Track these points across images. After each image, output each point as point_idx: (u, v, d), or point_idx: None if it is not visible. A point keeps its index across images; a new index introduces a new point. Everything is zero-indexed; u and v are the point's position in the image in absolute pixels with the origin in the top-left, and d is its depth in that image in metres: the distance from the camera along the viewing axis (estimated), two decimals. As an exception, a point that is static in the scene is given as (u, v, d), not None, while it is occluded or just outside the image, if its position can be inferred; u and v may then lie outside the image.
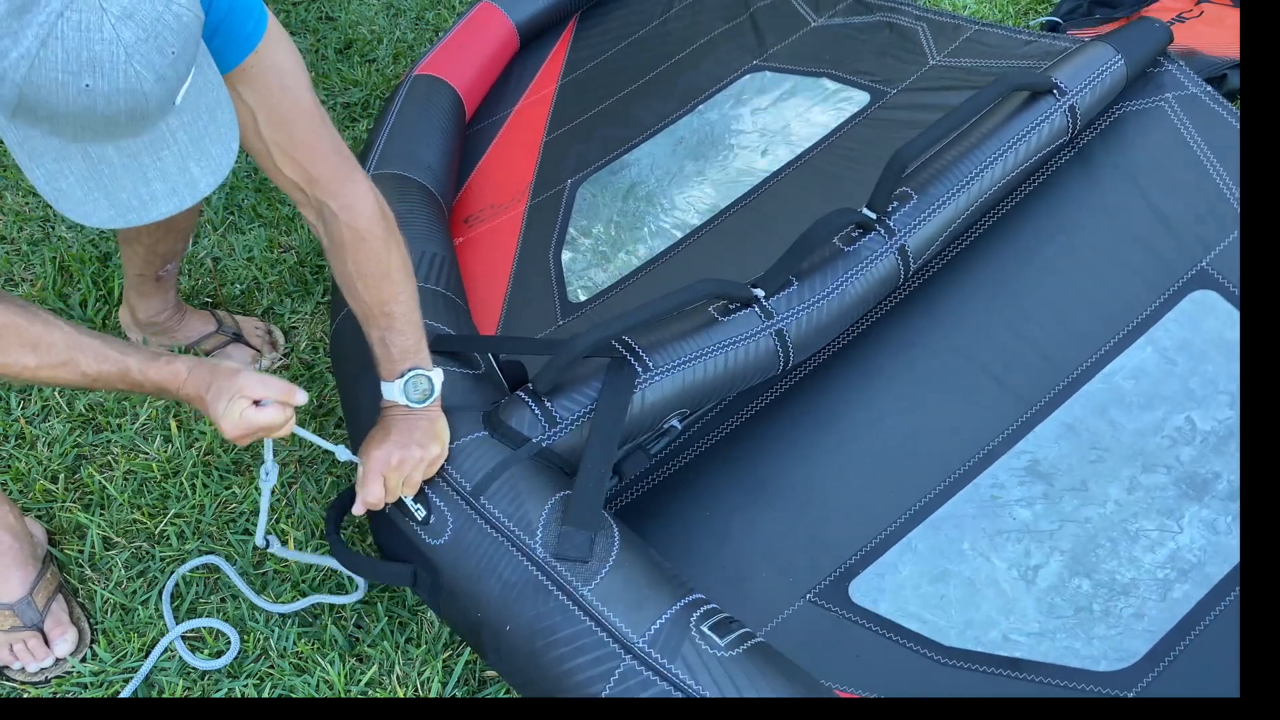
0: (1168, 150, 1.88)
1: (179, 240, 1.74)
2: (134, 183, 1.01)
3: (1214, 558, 1.52)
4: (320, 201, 1.31)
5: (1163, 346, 1.71)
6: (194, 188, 1.04)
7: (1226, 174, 1.85)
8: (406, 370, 1.35)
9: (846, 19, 2.33)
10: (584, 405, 1.42)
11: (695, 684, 1.19)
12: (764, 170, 2.04)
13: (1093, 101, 1.83)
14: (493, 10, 2.31)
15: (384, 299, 1.34)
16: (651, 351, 1.46)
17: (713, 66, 2.30)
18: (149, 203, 1.02)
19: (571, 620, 1.24)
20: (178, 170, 1.02)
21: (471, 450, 1.38)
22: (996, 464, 1.62)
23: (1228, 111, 1.90)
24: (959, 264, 1.81)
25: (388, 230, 1.34)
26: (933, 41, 2.18)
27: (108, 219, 1.01)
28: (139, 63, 0.91)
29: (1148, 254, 1.79)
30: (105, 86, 0.90)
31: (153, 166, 1.01)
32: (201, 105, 1.04)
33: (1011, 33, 2.13)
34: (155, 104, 0.95)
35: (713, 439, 1.67)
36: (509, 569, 1.29)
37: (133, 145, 0.99)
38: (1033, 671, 1.43)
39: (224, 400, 1.20)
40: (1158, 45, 1.92)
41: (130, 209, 1.01)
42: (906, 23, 2.25)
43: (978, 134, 1.75)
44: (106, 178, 0.99)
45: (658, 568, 1.32)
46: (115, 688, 1.49)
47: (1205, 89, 1.93)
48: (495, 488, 1.34)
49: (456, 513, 1.33)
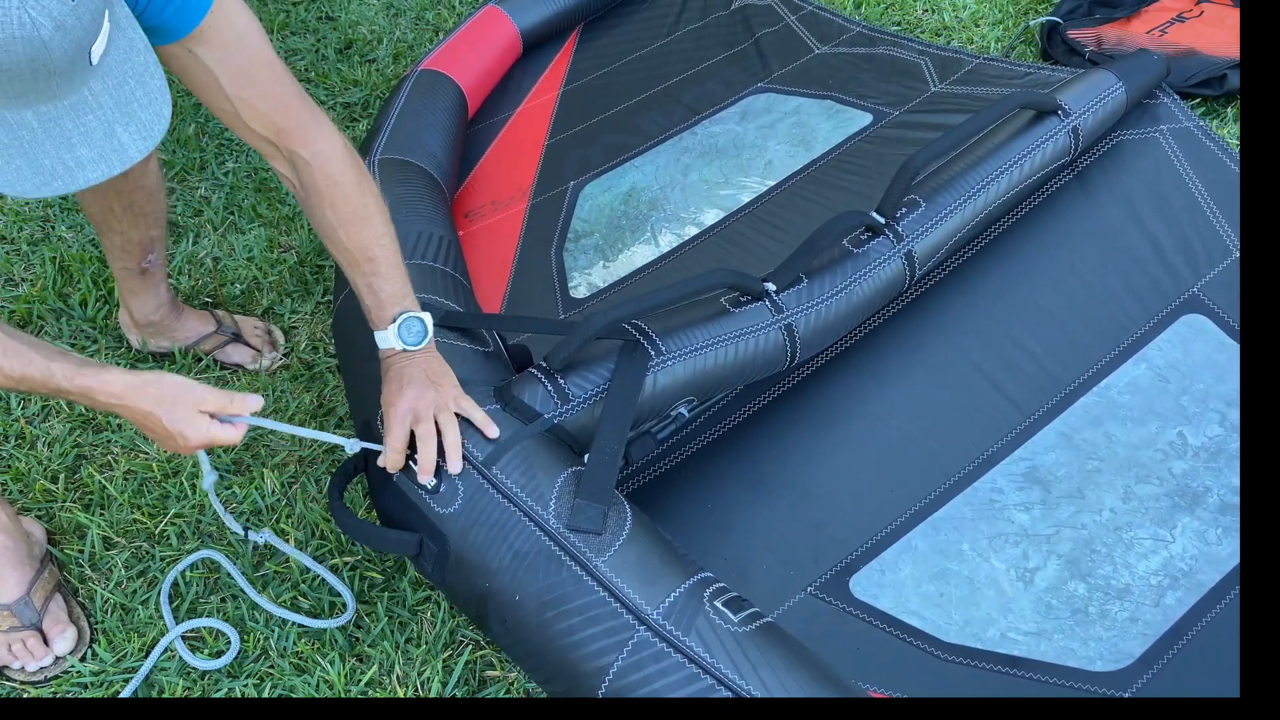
0: (1162, 180, 1.94)
1: (151, 227, 1.71)
2: (56, 148, 0.98)
3: (1205, 566, 1.54)
4: (291, 150, 1.31)
5: (1156, 365, 1.75)
6: (123, 153, 1.02)
7: (1217, 207, 1.91)
8: (398, 315, 1.35)
9: (850, 49, 2.38)
10: (597, 385, 1.42)
11: (710, 657, 1.18)
12: (768, 181, 2.07)
13: (1094, 124, 1.89)
14: (498, 14, 2.34)
15: (365, 243, 1.34)
16: (664, 336, 1.46)
17: (717, 86, 2.34)
18: (74, 169, 0.99)
19: (584, 590, 1.23)
20: (104, 135, 1.00)
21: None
22: (996, 469, 1.63)
23: (1219, 148, 1.96)
24: (962, 274, 1.85)
25: (360, 174, 1.35)
26: (935, 73, 2.24)
27: (32, 187, 0.98)
28: (34, 8, 0.88)
29: (1143, 276, 1.84)
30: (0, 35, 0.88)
31: (76, 132, 0.99)
32: (128, 69, 1.02)
33: (1012, 65, 2.19)
34: (61, 56, 0.92)
35: (717, 432, 1.68)
36: (521, 539, 1.27)
37: (53, 110, 0.97)
38: (1031, 669, 1.44)
39: (181, 412, 1.18)
40: (1156, 77, 1.98)
41: (55, 175, 0.99)
42: (909, 56, 2.31)
43: (985, 148, 1.80)
44: (27, 143, 0.97)
45: (669, 546, 1.31)
46: (115, 688, 1.47)
47: (1198, 123, 1.99)
48: (507, 459, 1.33)
49: (467, 482, 1.32)
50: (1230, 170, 1.95)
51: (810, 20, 2.48)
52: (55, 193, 0.99)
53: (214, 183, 2.22)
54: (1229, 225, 1.89)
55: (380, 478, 1.38)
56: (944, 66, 2.26)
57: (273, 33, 2.63)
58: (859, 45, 2.39)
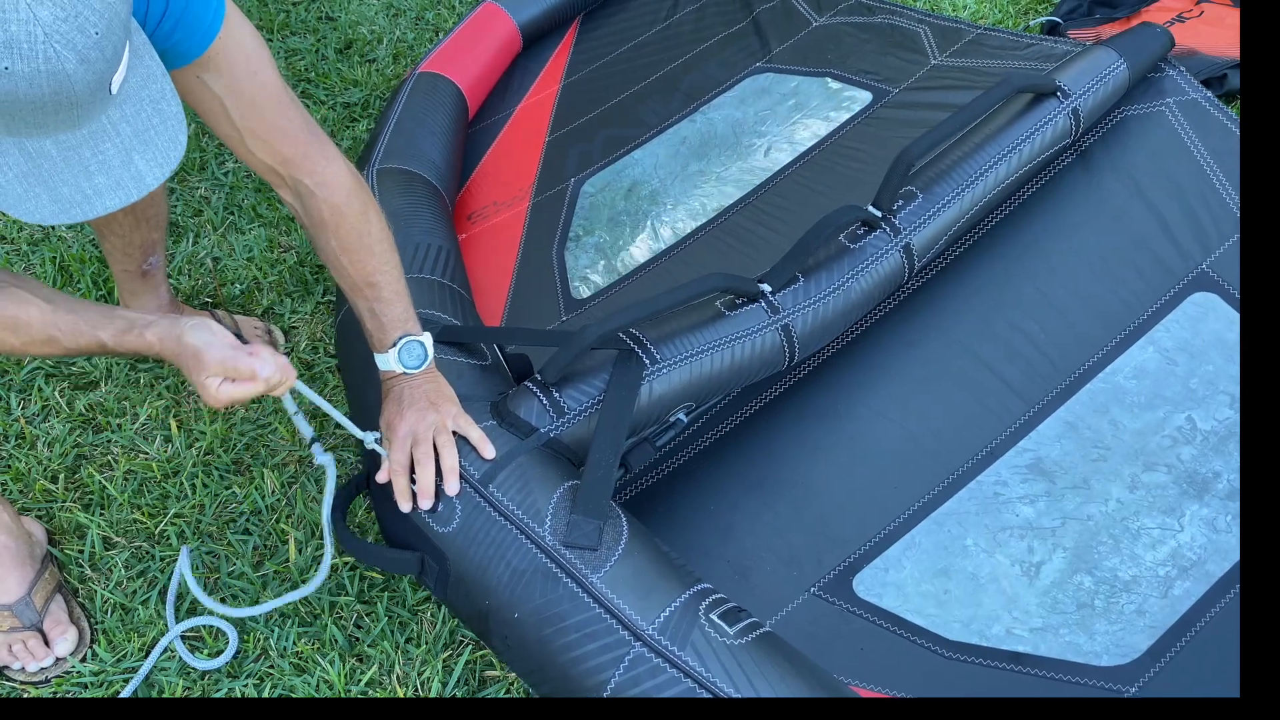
0: (1168, 154, 1.90)
1: (153, 230, 1.72)
2: (75, 176, 0.98)
3: (1214, 555, 1.53)
4: (296, 180, 1.32)
5: (1164, 347, 1.73)
6: (140, 181, 1.02)
7: (1226, 179, 1.86)
8: (399, 339, 1.37)
9: (849, 18, 2.35)
10: (592, 396, 1.42)
11: (705, 671, 1.19)
12: (767, 169, 2.05)
13: (1095, 104, 1.85)
14: (496, 10, 2.33)
15: (368, 271, 1.35)
16: (659, 344, 1.46)
17: (716, 69, 2.31)
18: (92, 197, 1.00)
19: (581, 607, 1.24)
20: (121, 163, 1.01)
21: (480, 439, 1.38)
22: (999, 461, 1.62)
23: (1227, 118, 1.92)
24: (962, 263, 1.83)
25: (365, 202, 1.35)
26: (934, 43, 2.20)
27: (50, 214, 0.99)
28: (59, 43, 0.88)
29: (1149, 256, 1.81)
30: (25, 68, 0.88)
31: (94, 160, 0.99)
32: (145, 97, 1.02)
33: (1013, 36, 2.15)
34: (83, 88, 0.92)
35: (717, 434, 1.68)
36: (518, 556, 1.29)
37: (72, 138, 0.97)
38: (1036, 666, 1.44)
39: (195, 376, 1.19)
40: (1159, 50, 1.94)
41: (73, 204, 0.99)
42: (908, 25, 2.27)
43: (982, 134, 1.77)
44: (46, 172, 0.97)
45: (665, 558, 1.32)
46: (115, 688, 1.49)
47: (1205, 95, 1.95)
48: (503, 476, 1.34)
49: (465, 500, 1.33)
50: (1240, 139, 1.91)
51: None
52: (73, 220, 1.00)
53: (214, 183, 2.24)
54: (1239, 197, 1.85)
55: (382, 496, 1.40)
56: (944, 36, 2.22)
57: (273, 33, 2.64)
58: (857, 14, 2.35)
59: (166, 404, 1.81)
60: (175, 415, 1.80)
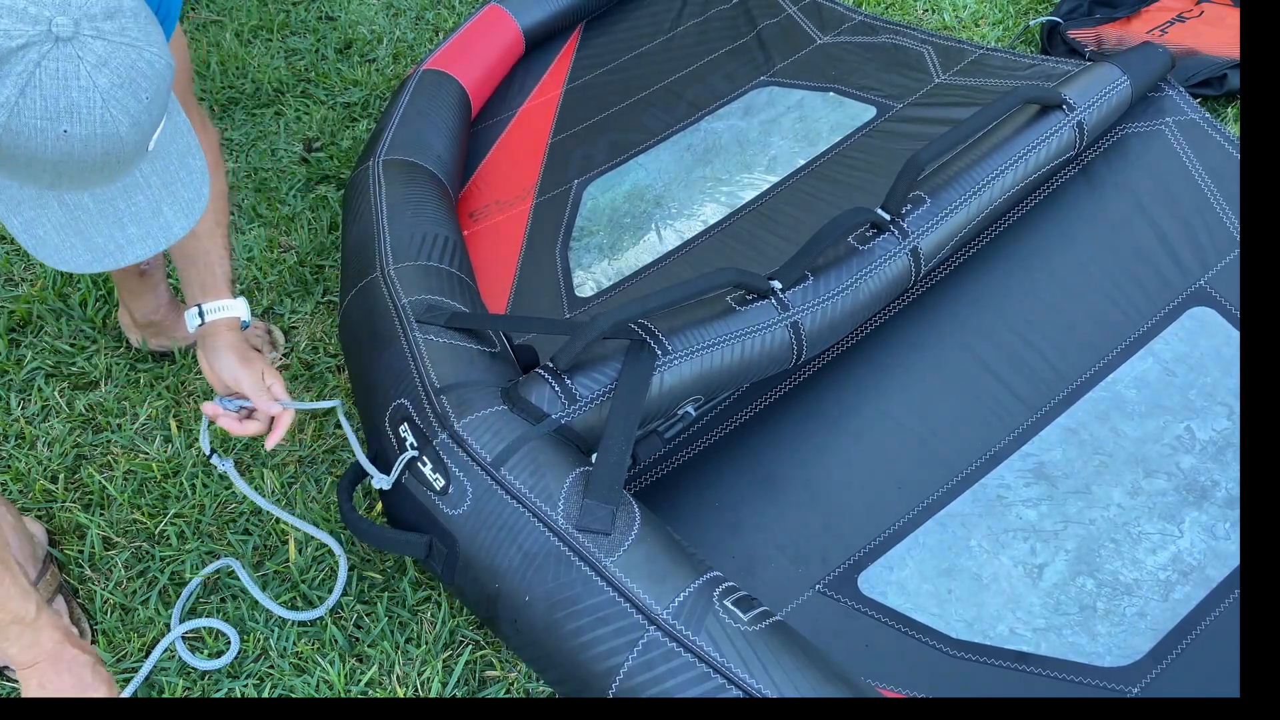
0: (1167, 172, 1.94)
1: None
2: (109, 227, 1.04)
3: (1213, 561, 1.54)
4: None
5: (1163, 358, 1.75)
6: (168, 230, 1.07)
7: (1223, 198, 1.90)
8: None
9: (852, 38, 2.37)
10: (603, 384, 1.42)
11: (720, 656, 1.18)
12: (771, 178, 2.07)
13: (1099, 119, 1.88)
14: (500, 13, 2.33)
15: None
16: (670, 336, 1.46)
17: (720, 81, 2.33)
18: (125, 246, 1.05)
19: (594, 590, 1.23)
20: (151, 214, 1.06)
21: (491, 423, 1.37)
22: (1003, 465, 1.63)
23: (1224, 138, 1.96)
24: (968, 270, 1.84)
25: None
26: (938, 62, 2.23)
27: (85, 263, 1.04)
28: (115, 108, 0.94)
29: (1149, 269, 1.83)
30: (83, 131, 0.93)
31: (127, 211, 1.04)
32: (173, 151, 1.08)
33: (1016, 57, 2.18)
34: (130, 148, 0.98)
35: (723, 431, 1.68)
36: (530, 539, 1.27)
37: (107, 191, 1.02)
38: (1039, 665, 1.44)
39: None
40: (1160, 70, 1.98)
41: (106, 253, 1.04)
42: (912, 45, 2.30)
43: (990, 143, 1.79)
44: (83, 223, 1.02)
45: (678, 545, 1.31)
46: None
47: (1203, 115, 1.99)
48: (515, 460, 1.33)
49: (476, 482, 1.32)
50: (1237, 161, 1.94)
51: (812, 10, 2.47)
52: (105, 268, 1.05)
53: (216, 184, 2.22)
54: (1236, 217, 1.88)
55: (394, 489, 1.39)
56: (947, 56, 2.26)
57: (273, 32, 2.63)
58: (861, 34, 2.38)
59: (166, 404, 1.80)
60: (175, 415, 1.78)
